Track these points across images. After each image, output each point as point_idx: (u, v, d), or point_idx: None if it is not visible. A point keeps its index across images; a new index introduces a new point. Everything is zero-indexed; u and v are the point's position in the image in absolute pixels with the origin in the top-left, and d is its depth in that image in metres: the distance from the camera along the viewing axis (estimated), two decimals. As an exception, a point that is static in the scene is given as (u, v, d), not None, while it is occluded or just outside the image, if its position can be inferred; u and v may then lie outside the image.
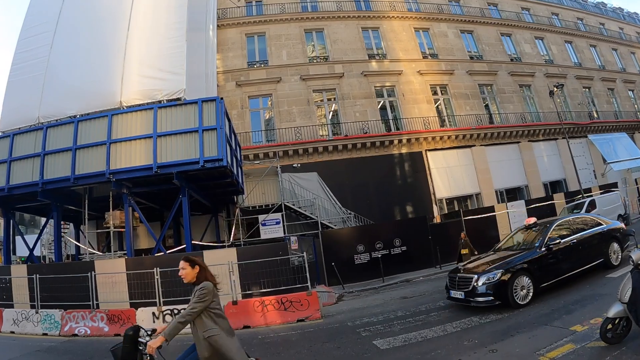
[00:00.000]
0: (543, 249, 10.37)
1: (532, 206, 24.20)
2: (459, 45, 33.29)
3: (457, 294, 10.56)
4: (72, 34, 19.18)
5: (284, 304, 12.71)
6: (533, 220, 12.55)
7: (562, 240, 10.70)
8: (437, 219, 27.22)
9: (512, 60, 35.05)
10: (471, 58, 33.50)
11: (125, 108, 17.07)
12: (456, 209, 28.62)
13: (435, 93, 31.41)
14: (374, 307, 13.40)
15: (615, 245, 11.76)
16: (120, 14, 18.64)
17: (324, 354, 8.57)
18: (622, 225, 12.92)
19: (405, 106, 29.74)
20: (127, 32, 18.18)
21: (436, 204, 28.49)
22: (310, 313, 12.52)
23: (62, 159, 17.00)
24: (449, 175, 29.56)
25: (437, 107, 31.18)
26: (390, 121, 29.77)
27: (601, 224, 12.02)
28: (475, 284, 9.92)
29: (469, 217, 22.88)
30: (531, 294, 9.78)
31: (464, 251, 16.94)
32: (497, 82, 33.17)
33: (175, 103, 16.45)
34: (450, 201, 29.91)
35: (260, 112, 29.49)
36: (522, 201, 25.61)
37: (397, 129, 29.22)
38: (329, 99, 29.77)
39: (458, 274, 10.89)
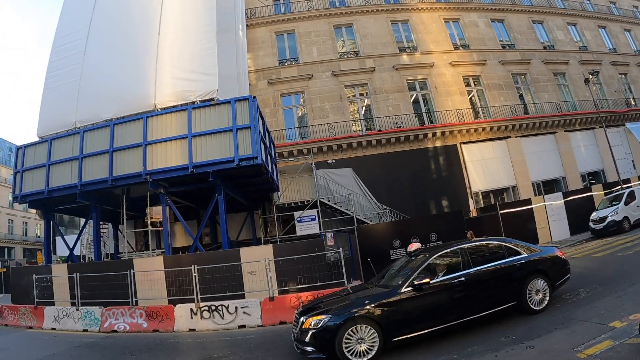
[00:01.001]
0: (408, 288, 8.00)
1: (570, 198, 23.62)
2: (490, 35, 32.51)
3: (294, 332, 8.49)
4: (104, 41, 19.68)
5: None
6: (416, 246, 11.33)
7: (441, 278, 8.39)
8: (473, 213, 26.70)
9: (545, 48, 33.97)
10: (503, 47, 32.65)
11: (159, 110, 17.45)
12: (492, 202, 28.00)
13: (468, 84, 30.78)
14: None
15: (540, 283, 8.89)
16: (150, 18, 19.03)
17: None
18: (558, 252, 9.68)
19: (438, 99, 29.29)
20: (158, 37, 18.56)
21: (472, 198, 28.00)
22: None
23: (99, 161, 17.53)
24: (484, 167, 28.96)
25: (470, 98, 30.56)
26: (424, 114, 29.34)
27: (519, 253, 9.14)
28: (302, 327, 7.97)
29: (506, 211, 22.36)
30: (375, 350, 7.54)
31: None
32: (530, 71, 32.28)
33: (208, 103, 16.66)
34: (486, 194, 29.32)
35: (293, 109, 29.49)
36: (560, 193, 24.88)
37: (431, 122, 28.81)
38: (361, 94, 29.56)
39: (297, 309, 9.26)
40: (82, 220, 24.51)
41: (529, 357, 6.62)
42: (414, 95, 29.74)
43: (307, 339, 7.68)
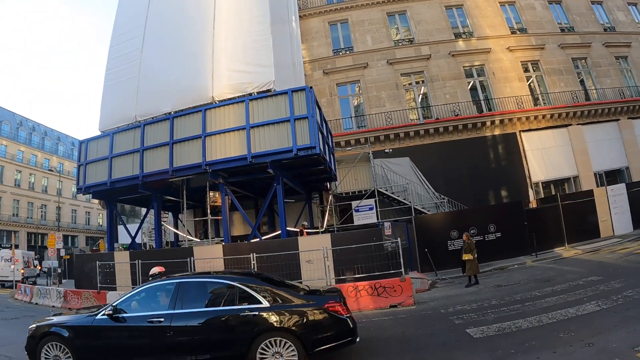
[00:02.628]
0: (103, 316, 7.09)
1: (634, 190, 22.48)
2: (548, 18, 31.01)
3: None
4: (161, 37, 20.14)
5: (377, 289, 12.65)
6: (155, 270, 9.93)
7: (135, 314, 7.11)
8: (533, 204, 25.87)
9: (605, 30, 32.01)
10: (562, 30, 31.07)
11: (217, 102, 17.68)
12: (553, 193, 26.97)
13: (526, 70, 29.63)
14: (467, 295, 13.08)
15: (284, 346, 6.54)
16: (204, 13, 19.24)
17: (417, 340, 8.40)
18: (332, 308, 6.85)
19: (496, 85, 28.41)
20: (213, 30, 18.72)
21: (532, 188, 27.07)
22: (403, 299, 12.36)
23: (160, 153, 18.07)
24: (544, 157, 27.90)
25: (529, 85, 29.42)
26: (482, 102, 28.50)
27: (257, 301, 6.86)
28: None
29: (567, 202, 21.50)
30: None
31: (467, 257, 15.16)
32: (591, 55, 30.58)
33: (265, 95, 16.76)
34: (546, 185, 28.27)
35: (349, 98, 29.42)
36: (623, 185, 23.63)
37: (489, 109, 27.96)
38: (418, 82, 29.11)
39: None
40: (143, 210, 25.36)
41: (588, 354, 6.32)
42: (471, 82, 28.97)
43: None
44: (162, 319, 6.76)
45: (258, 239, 17.30)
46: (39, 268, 39.00)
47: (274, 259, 14.00)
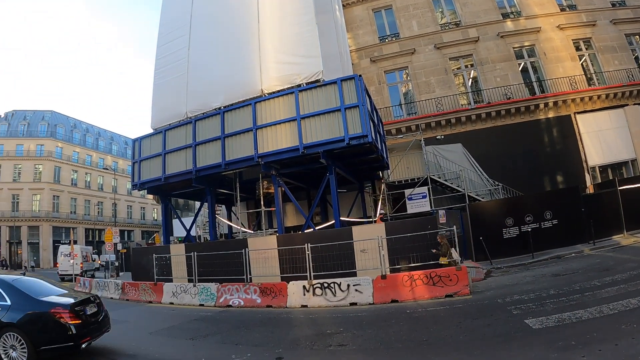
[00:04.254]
0: None
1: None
2: (598, -9, 29.61)
3: None
4: (206, 33, 20.54)
5: (432, 278, 12.42)
6: None
7: None
8: (590, 189, 24.99)
9: (660, 2, 30.39)
10: (613, 5, 29.40)
11: (266, 95, 17.89)
12: (610, 177, 25.97)
13: (578, 49, 28.43)
14: (524, 284, 12.74)
15: (14, 339, 7.24)
16: (247, 7, 19.46)
17: (474, 331, 8.20)
18: (58, 314, 7.44)
19: (547, 66, 27.43)
20: (258, 24, 18.93)
21: (588, 172, 26.06)
22: (459, 289, 12.12)
23: (212, 147, 18.51)
24: (601, 139, 26.70)
25: (582, 64, 28.21)
26: (534, 84, 27.62)
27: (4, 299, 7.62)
28: None
29: (625, 187, 20.52)
30: None
31: (443, 260, 13.36)
32: (645, 30, 29.06)
33: (314, 85, 16.78)
34: (603, 169, 27.10)
35: (398, 85, 29.22)
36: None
37: (542, 91, 27.07)
38: (467, 66, 28.56)
39: None
40: (197, 204, 25.97)
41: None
42: (522, 63, 28.11)
43: None
44: None
45: (312, 229, 17.42)
46: (99, 262, 40.47)
47: (328, 248, 14.07)
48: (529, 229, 19.36)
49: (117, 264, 34.24)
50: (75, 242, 41.58)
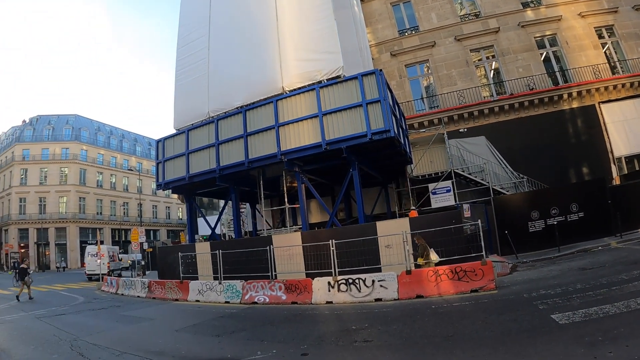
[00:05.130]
0: None
1: None
2: (618, -23, 28.85)
3: None
4: (225, 33, 20.73)
5: (457, 273, 12.21)
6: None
7: None
8: (617, 180, 24.48)
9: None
10: None
11: (287, 92, 17.97)
12: (637, 168, 25.38)
13: (601, 36, 27.71)
14: (550, 279, 12.47)
15: None
16: (266, 6, 19.55)
17: (500, 326, 8.07)
18: None
19: (570, 55, 26.85)
20: (277, 22, 19.02)
21: (614, 163, 25.47)
22: (485, 283, 11.90)
23: (235, 146, 18.69)
24: (626, 129, 25.98)
25: (605, 52, 27.56)
26: (557, 74, 27.05)
27: None
28: None
29: (653, 178, 19.97)
30: None
31: (420, 261, 13.36)
32: (670, 15, 28.16)
33: (335, 81, 16.75)
34: (629, 159, 26.32)
35: (419, 79, 28.99)
36: None
37: (565, 81, 26.49)
38: (488, 57, 28.18)
39: None
40: (221, 202, 26.24)
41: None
42: (544, 53, 27.51)
43: None
44: None
45: (336, 226, 17.45)
46: (129, 262, 41.09)
47: (352, 244, 14.01)
48: (555, 222, 19.02)
49: (143, 263, 34.74)
50: (102, 242, 42.33)
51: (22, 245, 60.62)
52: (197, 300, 16.10)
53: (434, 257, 13.38)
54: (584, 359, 5.65)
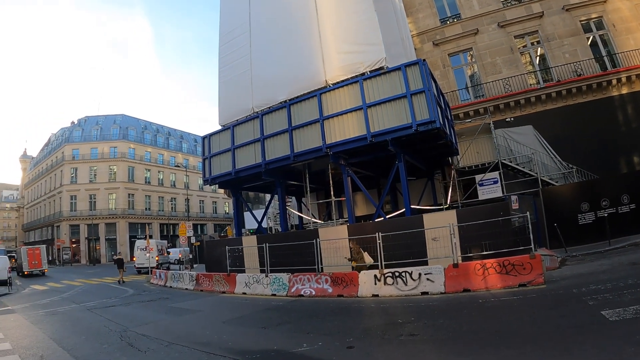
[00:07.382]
0: None
1: None
2: (668, -47, 27.29)
3: None
4: (266, 29, 21.00)
5: (505, 267, 12.05)
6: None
7: None
8: (671, 170, 23.29)
9: None
10: None
11: (331, 85, 18.07)
12: (692, 156, 24.15)
13: (650, 17, 26.47)
14: (600, 274, 12.15)
15: None
16: (305, 0, 19.61)
17: (547, 322, 7.91)
18: None
19: (617, 38, 25.56)
20: (317, 16, 19.11)
21: (668, 152, 24.30)
22: (533, 277, 11.71)
23: (280, 140, 18.95)
24: (680, 115, 24.73)
25: (656, 34, 26.31)
26: (604, 58, 25.90)
27: None
28: None
29: None
30: None
31: (353, 264, 14.39)
32: None
33: (378, 73, 16.73)
34: (685, 148, 25.15)
35: (463, 68, 28.52)
36: None
37: (614, 66, 25.30)
38: (533, 43, 27.19)
39: None
40: (267, 196, 26.70)
41: None
42: (591, 37, 26.29)
43: None
44: None
45: (382, 218, 17.49)
46: (180, 256, 42.12)
47: (399, 237, 14.06)
48: (605, 214, 18.49)
49: (191, 256, 35.61)
50: (150, 237, 43.53)
51: (73, 240, 63.69)
52: (244, 293, 16.46)
53: (367, 259, 13.99)
54: (634, 359, 5.52)
